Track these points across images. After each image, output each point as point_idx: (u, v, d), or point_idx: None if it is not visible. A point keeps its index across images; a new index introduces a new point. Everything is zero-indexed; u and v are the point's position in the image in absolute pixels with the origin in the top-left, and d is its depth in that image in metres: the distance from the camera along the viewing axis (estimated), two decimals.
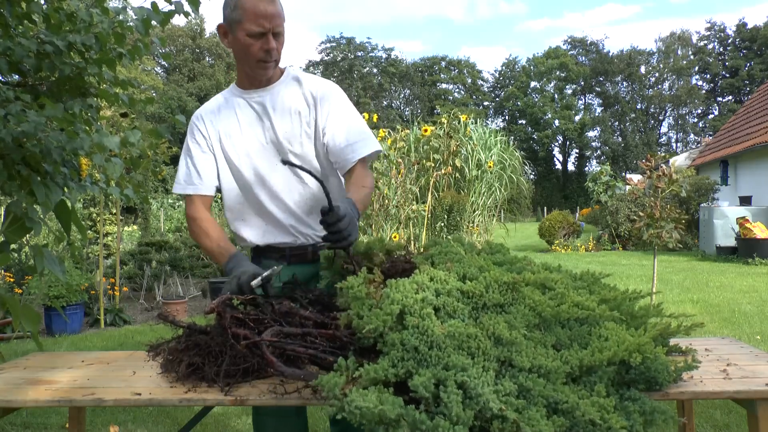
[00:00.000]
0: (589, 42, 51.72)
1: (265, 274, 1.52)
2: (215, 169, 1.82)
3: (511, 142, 10.39)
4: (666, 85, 50.10)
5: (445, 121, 8.28)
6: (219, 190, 1.85)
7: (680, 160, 20.38)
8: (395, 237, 6.69)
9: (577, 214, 20.96)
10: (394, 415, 1.10)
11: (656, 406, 1.24)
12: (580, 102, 51.65)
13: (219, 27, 1.74)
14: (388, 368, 1.21)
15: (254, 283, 1.49)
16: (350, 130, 1.78)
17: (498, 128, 10.93)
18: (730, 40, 48.60)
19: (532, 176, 39.22)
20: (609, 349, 1.28)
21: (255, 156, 1.79)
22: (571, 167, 51.30)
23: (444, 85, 54.41)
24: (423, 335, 1.24)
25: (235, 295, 1.48)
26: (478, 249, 1.68)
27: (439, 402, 1.14)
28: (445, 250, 1.59)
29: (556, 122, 48.75)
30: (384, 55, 53.55)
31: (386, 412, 1.10)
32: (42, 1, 2.20)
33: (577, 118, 49.12)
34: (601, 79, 50.75)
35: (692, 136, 49.78)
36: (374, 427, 1.11)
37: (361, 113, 1.92)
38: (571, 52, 51.55)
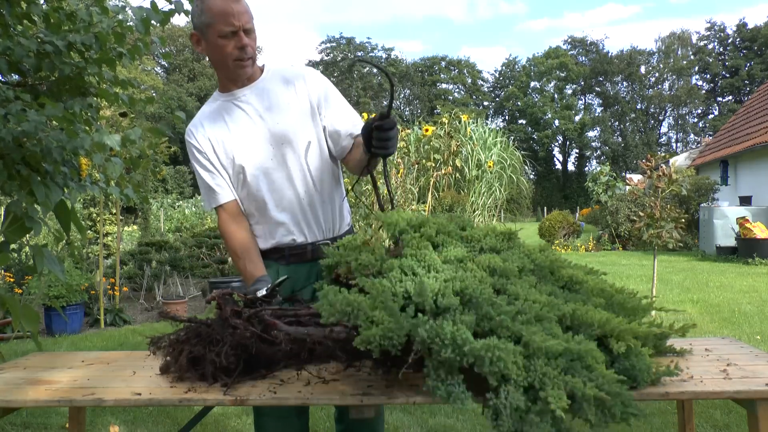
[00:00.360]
0: (589, 42, 51.75)
1: (269, 286, 1.56)
2: (223, 176, 1.81)
3: (511, 142, 10.39)
4: (666, 85, 50.14)
5: (446, 121, 8.29)
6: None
7: (680, 160, 20.38)
8: None
9: (577, 214, 20.97)
10: (406, 326, 1.11)
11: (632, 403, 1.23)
12: (580, 102, 51.66)
13: (192, 36, 1.75)
14: (386, 284, 1.22)
15: (260, 293, 1.53)
16: (348, 111, 1.84)
17: (498, 128, 10.93)
18: (730, 40, 48.61)
19: (532, 176, 39.25)
20: (602, 315, 1.28)
21: (251, 155, 1.78)
22: (571, 167, 51.32)
23: (444, 85, 54.39)
24: (422, 261, 1.26)
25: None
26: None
27: (440, 312, 1.16)
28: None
29: (556, 122, 48.75)
30: (384, 55, 53.58)
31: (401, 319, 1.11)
32: (42, 1, 2.20)
33: (577, 118, 49.12)
34: (601, 79, 50.75)
35: (692, 136, 49.80)
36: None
37: (360, 113, 1.96)
38: (571, 52, 51.56)
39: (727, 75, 48.28)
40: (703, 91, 48.97)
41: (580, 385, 1.13)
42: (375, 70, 52.58)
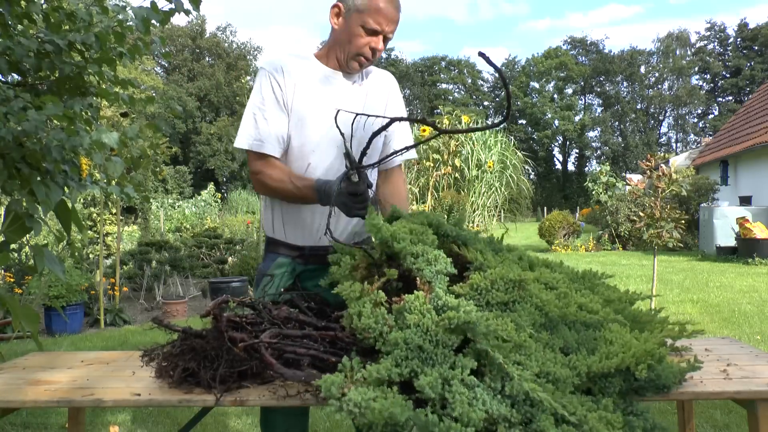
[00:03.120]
0: (589, 42, 51.75)
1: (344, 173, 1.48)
2: (280, 127, 1.70)
3: (511, 143, 10.39)
4: (666, 85, 50.15)
5: (447, 122, 8.29)
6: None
7: (680, 160, 20.38)
8: None
9: (577, 214, 20.97)
10: (404, 417, 1.05)
11: (657, 424, 1.23)
12: (580, 102, 51.66)
13: (334, 6, 1.70)
14: (392, 368, 1.16)
15: (353, 178, 1.46)
16: (407, 133, 1.89)
17: (497, 128, 10.91)
18: (730, 40, 48.62)
19: (532, 176, 39.23)
20: (617, 355, 1.24)
21: (318, 127, 1.69)
22: (571, 167, 51.32)
23: (444, 85, 54.38)
24: (426, 333, 1.19)
25: (350, 199, 1.48)
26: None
27: (446, 403, 1.10)
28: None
29: (556, 122, 48.75)
30: (384, 55, 53.58)
31: (396, 414, 1.05)
32: (41, 1, 2.20)
33: (577, 118, 49.12)
34: (601, 79, 50.76)
35: (692, 136, 49.80)
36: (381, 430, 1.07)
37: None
38: (572, 52, 51.56)
39: (728, 75, 48.29)
40: (703, 91, 48.98)
41: None
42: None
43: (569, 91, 50.90)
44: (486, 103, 54.21)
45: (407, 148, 1.59)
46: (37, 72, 2.15)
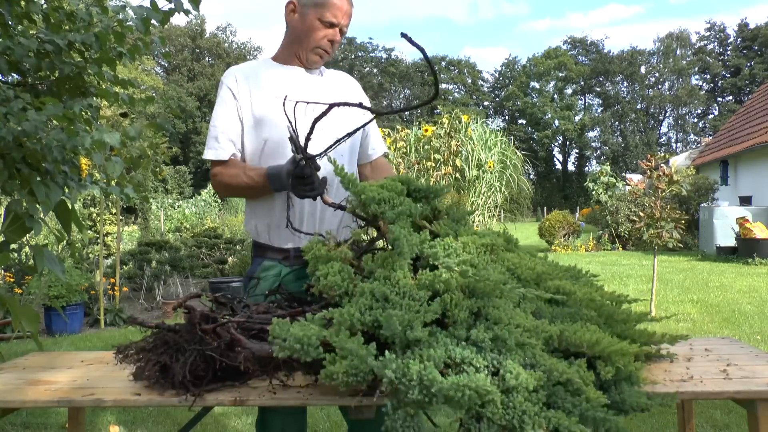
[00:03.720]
0: (588, 42, 51.75)
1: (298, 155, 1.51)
2: (236, 130, 1.75)
3: (511, 143, 10.39)
4: (666, 85, 50.14)
5: (447, 122, 8.29)
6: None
7: (680, 160, 20.38)
8: None
9: (577, 214, 20.96)
10: (349, 345, 1.04)
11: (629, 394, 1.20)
12: (580, 102, 51.66)
13: (289, 3, 1.76)
14: (354, 313, 1.13)
15: (297, 158, 1.49)
16: (377, 130, 1.98)
17: (498, 128, 10.94)
18: (730, 40, 48.63)
19: (532, 176, 39.23)
20: (592, 333, 1.20)
21: (279, 125, 1.71)
22: (571, 167, 51.31)
23: (444, 85, 54.36)
24: (395, 286, 1.17)
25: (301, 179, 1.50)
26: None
27: (407, 350, 1.09)
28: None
29: (556, 122, 48.74)
30: (384, 56, 53.60)
31: (364, 356, 1.04)
32: (41, 1, 2.20)
33: (577, 118, 49.12)
34: (601, 79, 50.76)
35: (692, 136, 49.79)
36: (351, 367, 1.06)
37: None
38: (571, 52, 51.56)
39: (728, 75, 48.29)
40: (703, 92, 48.97)
41: (564, 420, 1.06)
42: (375, 70, 52.57)
43: (569, 91, 50.89)
44: (486, 103, 54.21)
45: (350, 134, 1.53)
46: (37, 72, 2.16)
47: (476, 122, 9.92)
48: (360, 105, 1.46)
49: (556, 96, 50.32)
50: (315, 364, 1.16)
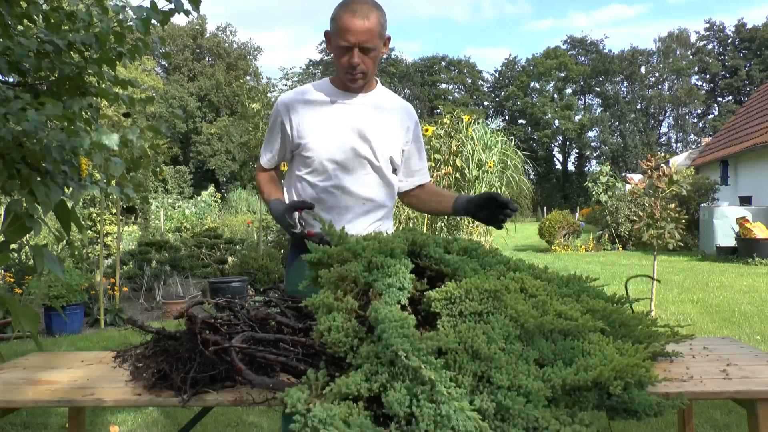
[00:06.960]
0: (588, 42, 51.74)
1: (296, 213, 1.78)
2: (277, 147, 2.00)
3: (512, 143, 10.38)
4: (666, 85, 50.15)
5: (447, 121, 8.28)
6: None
7: (680, 160, 20.39)
8: None
9: (577, 214, 20.96)
10: None
11: None
12: (580, 102, 51.65)
13: (325, 33, 1.90)
14: (361, 383, 1.12)
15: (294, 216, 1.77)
16: (423, 157, 2.10)
17: (498, 128, 10.91)
18: (729, 41, 48.63)
19: (532, 176, 39.16)
20: (595, 368, 1.20)
21: (332, 140, 1.89)
22: (571, 167, 51.31)
23: (444, 85, 54.36)
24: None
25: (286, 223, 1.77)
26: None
27: (412, 420, 1.07)
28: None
29: (556, 122, 48.74)
30: (384, 56, 53.51)
31: None
32: (41, 1, 2.20)
33: (576, 118, 49.11)
34: (601, 79, 50.76)
35: (692, 136, 49.80)
36: None
37: None
38: (571, 52, 51.55)
39: (727, 75, 48.30)
40: (703, 92, 48.98)
41: None
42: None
43: (569, 91, 50.88)
44: (486, 103, 54.19)
45: None
46: (37, 72, 2.15)
47: (478, 122, 9.91)
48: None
49: (556, 96, 50.31)
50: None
